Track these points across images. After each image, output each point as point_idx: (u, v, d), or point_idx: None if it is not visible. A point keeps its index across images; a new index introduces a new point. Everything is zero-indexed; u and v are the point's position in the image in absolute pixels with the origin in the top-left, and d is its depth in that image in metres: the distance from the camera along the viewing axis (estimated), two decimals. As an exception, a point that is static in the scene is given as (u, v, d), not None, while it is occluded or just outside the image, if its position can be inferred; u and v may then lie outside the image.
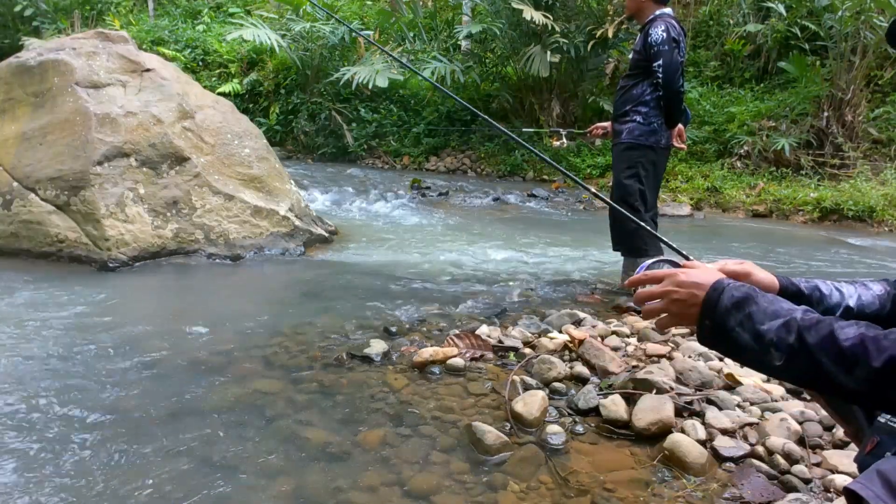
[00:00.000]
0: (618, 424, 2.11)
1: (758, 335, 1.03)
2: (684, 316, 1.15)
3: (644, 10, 3.41)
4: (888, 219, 6.76)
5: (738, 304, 1.07)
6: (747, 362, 1.09)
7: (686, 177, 8.26)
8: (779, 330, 1.02)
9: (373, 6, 12.50)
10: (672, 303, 1.16)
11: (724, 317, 1.08)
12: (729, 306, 1.08)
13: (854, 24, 7.74)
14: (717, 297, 1.10)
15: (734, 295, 1.09)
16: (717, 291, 1.10)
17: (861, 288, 1.38)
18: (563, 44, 8.47)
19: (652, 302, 1.19)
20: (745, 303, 1.07)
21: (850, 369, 0.95)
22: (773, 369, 1.03)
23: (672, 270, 1.19)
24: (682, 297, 1.14)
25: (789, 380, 1.06)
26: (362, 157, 10.30)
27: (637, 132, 3.43)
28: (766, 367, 1.05)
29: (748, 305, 1.06)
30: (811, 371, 0.99)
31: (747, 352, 1.05)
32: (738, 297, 1.08)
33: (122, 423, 2.11)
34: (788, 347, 1.00)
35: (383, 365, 2.60)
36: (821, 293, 1.35)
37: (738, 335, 1.05)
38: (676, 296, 1.15)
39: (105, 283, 3.75)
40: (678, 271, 1.18)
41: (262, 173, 4.77)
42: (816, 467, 1.87)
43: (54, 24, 12.29)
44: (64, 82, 4.37)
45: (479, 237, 5.43)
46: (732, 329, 1.06)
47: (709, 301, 1.10)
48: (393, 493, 1.77)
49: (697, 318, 1.12)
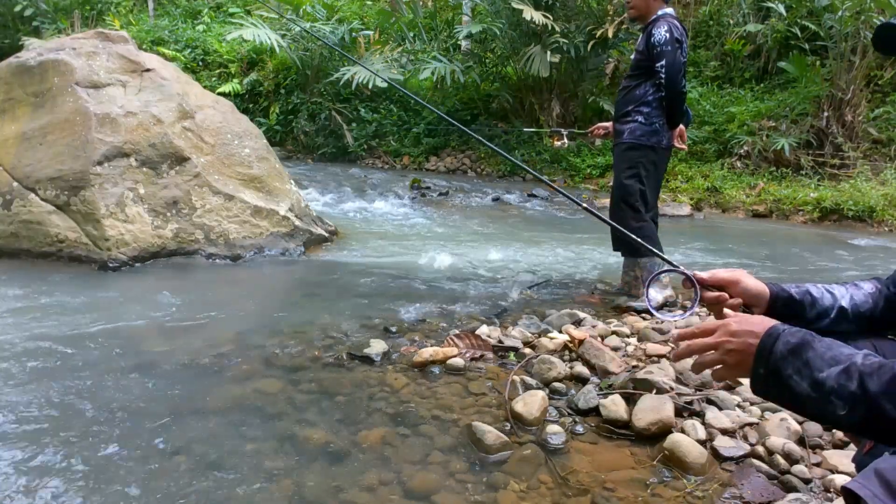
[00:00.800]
0: (618, 424, 2.11)
1: (816, 383, 0.97)
2: (741, 366, 1.08)
3: (651, 8, 3.40)
4: (888, 219, 6.76)
5: (794, 350, 1.01)
6: (807, 412, 1.02)
7: (686, 177, 8.26)
8: (839, 376, 0.96)
9: (373, 6, 12.50)
10: (727, 353, 1.10)
11: (779, 364, 1.02)
12: (785, 353, 1.02)
13: (854, 24, 7.74)
14: (772, 343, 1.04)
15: (790, 341, 1.03)
16: (771, 338, 1.05)
17: (852, 288, 1.39)
18: (563, 44, 8.47)
19: (705, 354, 1.14)
20: (802, 349, 1.01)
21: None
22: (836, 419, 0.97)
23: (724, 321, 1.13)
24: (737, 347, 1.08)
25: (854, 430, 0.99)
26: (362, 157, 10.30)
27: (639, 132, 3.42)
28: (828, 418, 0.98)
29: (805, 351, 1.00)
30: (876, 420, 0.92)
31: (806, 401, 0.99)
32: (795, 343, 1.02)
33: (121, 422, 2.11)
34: (850, 395, 0.94)
35: (383, 365, 2.60)
36: (812, 297, 1.36)
37: (795, 383, 0.99)
38: (731, 346, 1.09)
39: (105, 283, 3.75)
40: (730, 320, 1.12)
41: (262, 173, 4.77)
42: (816, 467, 1.87)
43: (54, 24, 12.29)
44: (64, 82, 4.37)
45: (480, 237, 5.43)
46: (789, 377, 1.00)
47: (763, 348, 1.05)
48: (393, 493, 1.77)
49: (751, 366, 1.06)
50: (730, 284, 1.34)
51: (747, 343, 1.07)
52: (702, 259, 5.03)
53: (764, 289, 1.35)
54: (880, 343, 1.34)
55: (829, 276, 4.67)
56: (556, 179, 8.87)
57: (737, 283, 1.33)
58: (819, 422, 1.05)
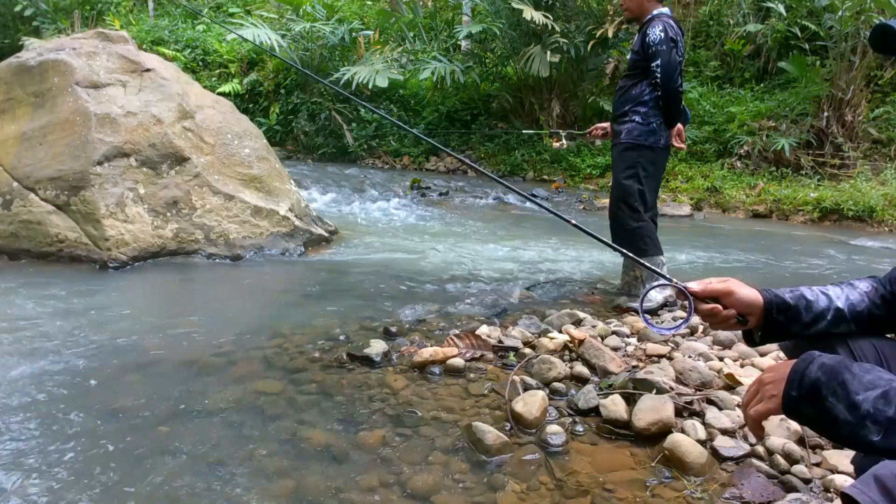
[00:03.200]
0: (618, 424, 2.11)
1: (853, 405, 0.95)
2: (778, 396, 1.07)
3: (645, 8, 3.40)
4: (888, 219, 6.76)
5: (830, 371, 1.00)
6: (840, 436, 1.00)
7: (686, 177, 8.26)
8: (876, 401, 0.94)
9: (373, 6, 12.50)
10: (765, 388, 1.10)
11: (813, 385, 1.01)
12: (819, 375, 1.01)
13: (854, 24, 7.74)
14: (805, 366, 1.03)
15: (825, 363, 1.02)
16: (804, 361, 1.04)
17: (848, 288, 1.38)
18: (563, 44, 8.47)
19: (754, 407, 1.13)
20: (839, 371, 0.99)
21: None
22: (870, 445, 0.94)
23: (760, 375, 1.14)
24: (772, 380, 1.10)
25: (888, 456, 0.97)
26: (362, 157, 10.30)
27: (636, 132, 3.42)
28: (861, 442, 0.96)
29: (842, 373, 0.99)
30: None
31: (841, 425, 0.97)
32: (831, 366, 1.01)
33: (121, 422, 2.11)
34: (888, 420, 0.92)
35: (383, 365, 2.60)
36: (807, 301, 1.35)
37: (830, 405, 0.98)
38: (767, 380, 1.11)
39: (105, 283, 3.75)
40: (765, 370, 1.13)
41: (262, 173, 4.77)
42: (816, 467, 1.87)
43: (54, 24, 12.29)
44: (64, 82, 4.37)
45: (479, 237, 5.43)
46: (824, 398, 0.99)
47: (796, 371, 1.04)
48: (393, 494, 1.77)
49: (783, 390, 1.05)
50: (723, 295, 1.35)
51: (782, 373, 1.07)
52: (702, 259, 5.03)
53: (758, 297, 1.35)
54: (880, 343, 1.34)
55: (828, 276, 4.68)
56: (557, 180, 8.87)
57: (730, 294, 1.34)
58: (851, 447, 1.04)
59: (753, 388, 1.14)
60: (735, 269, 4.72)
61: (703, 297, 1.37)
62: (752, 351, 2.66)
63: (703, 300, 1.37)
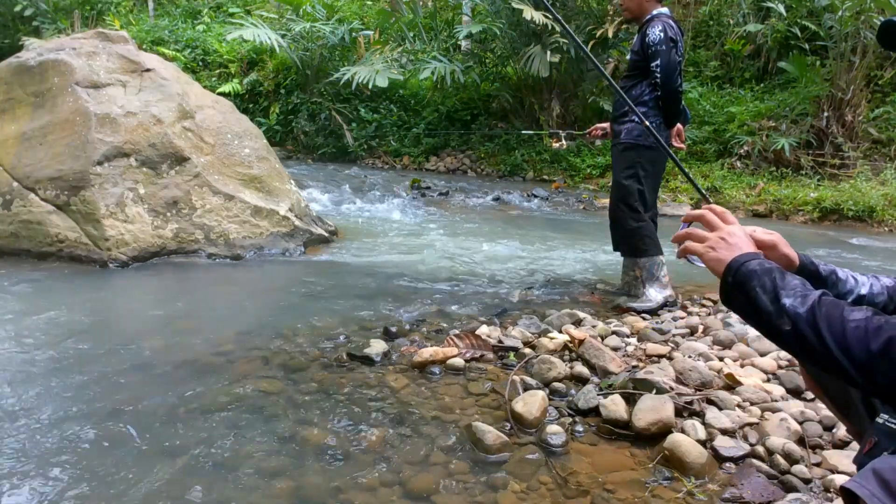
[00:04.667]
0: (618, 424, 2.11)
1: (776, 299, 1.09)
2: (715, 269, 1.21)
3: (644, 9, 3.40)
4: (888, 219, 6.75)
5: (767, 270, 1.14)
6: (759, 324, 1.14)
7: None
8: (795, 299, 1.08)
9: (373, 6, 12.50)
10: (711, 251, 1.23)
11: (747, 276, 1.14)
12: (756, 269, 1.14)
13: (854, 24, 7.74)
14: (746, 260, 1.17)
15: (765, 265, 1.15)
16: (746, 256, 1.18)
17: (872, 279, 1.40)
18: (563, 44, 8.47)
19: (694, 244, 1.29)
20: (772, 272, 1.13)
21: (848, 348, 1.01)
22: (781, 334, 1.09)
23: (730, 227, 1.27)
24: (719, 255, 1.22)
25: (793, 350, 1.12)
26: (362, 157, 10.29)
27: (636, 132, 3.42)
28: (775, 332, 1.10)
29: (774, 273, 1.13)
30: (814, 344, 1.04)
31: (762, 313, 1.11)
32: (768, 267, 1.15)
33: (121, 422, 2.11)
34: (797, 316, 1.06)
35: (383, 365, 2.60)
36: (837, 277, 1.38)
37: (757, 294, 1.11)
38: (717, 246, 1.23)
39: (105, 283, 3.76)
40: (733, 228, 1.26)
41: (262, 173, 4.77)
42: (816, 467, 1.87)
43: (54, 24, 12.28)
44: (64, 82, 4.37)
45: (480, 237, 5.43)
46: (753, 288, 1.12)
47: (735, 262, 1.18)
48: (393, 493, 1.77)
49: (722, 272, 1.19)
50: (766, 247, 1.35)
51: (728, 254, 1.21)
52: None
53: (795, 258, 1.37)
54: None
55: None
56: (557, 179, 8.87)
57: (773, 247, 1.35)
58: (768, 336, 1.16)
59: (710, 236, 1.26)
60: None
61: None
62: (752, 351, 2.67)
63: None
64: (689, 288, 3.85)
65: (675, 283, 3.62)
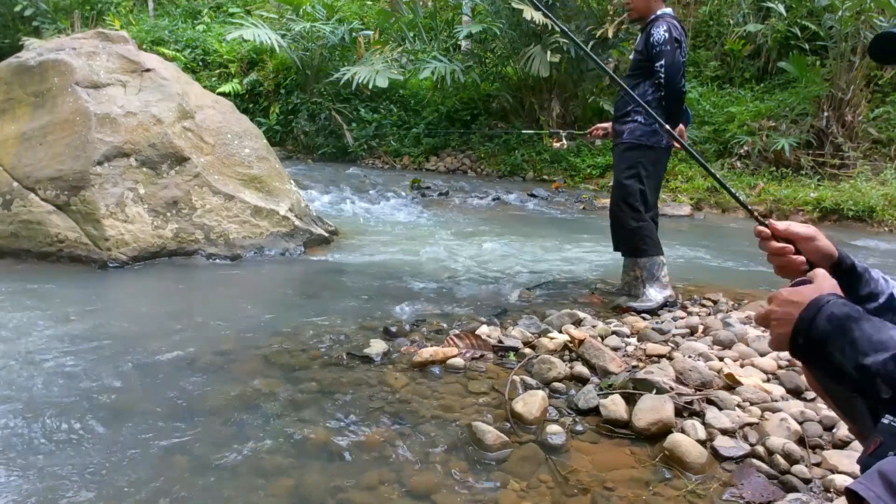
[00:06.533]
0: (618, 424, 2.11)
1: (861, 367, 0.97)
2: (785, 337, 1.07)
3: (650, 8, 3.40)
4: (888, 219, 6.75)
5: (839, 327, 1.00)
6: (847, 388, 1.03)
7: (686, 177, 8.26)
8: (886, 363, 0.95)
9: (373, 6, 12.50)
10: (774, 324, 1.09)
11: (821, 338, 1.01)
12: (827, 328, 1.01)
13: (854, 24, 7.74)
14: (813, 315, 1.03)
15: (834, 313, 1.01)
16: (812, 309, 1.03)
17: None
18: (564, 44, 8.47)
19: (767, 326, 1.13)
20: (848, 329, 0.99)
21: None
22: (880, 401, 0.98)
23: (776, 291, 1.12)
24: (781, 317, 1.08)
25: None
26: (362, 157, 10.29)
27: (638, 132, 3.42)
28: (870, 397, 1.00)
29: (851, 332, 0.99)
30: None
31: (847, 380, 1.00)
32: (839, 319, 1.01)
33: (121, 422, 2.11)
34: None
35: (383, 365, 2.60)
36: (870, 276, 1.34)
37: (837, 361, 1.00)
38: (775, 316, 1.09)
39: (105, 283, 3.76)
40: (781, 290, 1.11)
41: (262, 173, 4.77)
42: (816, 467, 1.87)
43: (54, 24, 12.28)
44: (64, 82, 4.37)
45: (480, 237, 5.43)
46: (830, 354, 1.00)
47: (804, 318, 1.04)
48: (393, 493, 1.77)
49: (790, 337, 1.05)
50: (801, 240, 1.32)
51: (789, 313, 1.06)
52: (702, 258, 5.03)
53: (833, 250, 1.32)
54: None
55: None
56: (557, 179, 8.87)
57: (810, 240, 1.31)
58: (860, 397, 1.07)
59: (764, 310, 1.12)
60: (735, 269, 4.72)
61: (779, 235, 1.34)
62: (752, 351, 2.67)
63: (778, 239, 1.34)
64: (689, 288, 3.85)
65: (675, 283, 3.62)
